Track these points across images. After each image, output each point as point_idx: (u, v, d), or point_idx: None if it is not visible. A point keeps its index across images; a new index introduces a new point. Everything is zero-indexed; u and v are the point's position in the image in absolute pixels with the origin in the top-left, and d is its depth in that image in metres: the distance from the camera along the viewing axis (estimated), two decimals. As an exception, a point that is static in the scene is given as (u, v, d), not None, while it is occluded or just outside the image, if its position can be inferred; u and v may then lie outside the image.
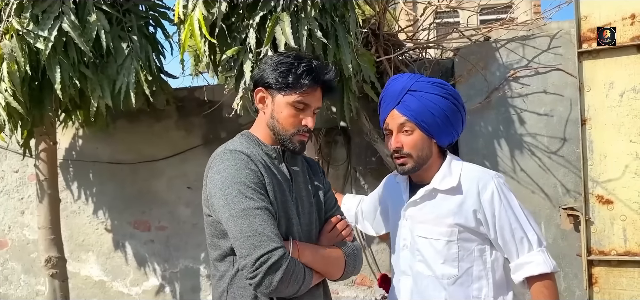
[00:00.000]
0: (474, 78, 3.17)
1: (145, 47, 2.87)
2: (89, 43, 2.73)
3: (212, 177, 1.62)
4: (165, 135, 3.78)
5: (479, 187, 1.84)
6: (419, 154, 1.87)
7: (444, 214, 1.87)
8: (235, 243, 1.54)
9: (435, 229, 1.88)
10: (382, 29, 3.16)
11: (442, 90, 1.87)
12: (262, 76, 1.69)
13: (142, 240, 3.88)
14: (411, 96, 1.85)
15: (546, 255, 1.81)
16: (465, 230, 1.85)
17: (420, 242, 1.91)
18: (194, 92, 3.75)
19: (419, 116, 1.84)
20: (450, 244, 1.86)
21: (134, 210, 3.87)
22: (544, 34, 3.07)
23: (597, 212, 2.96)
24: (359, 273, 3.59)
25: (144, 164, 3.81)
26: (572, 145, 3.02)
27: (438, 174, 1.90)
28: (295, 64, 1.65)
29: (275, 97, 1.68)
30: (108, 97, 2.87)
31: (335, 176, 3.58)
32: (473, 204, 1.84)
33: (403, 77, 1.92)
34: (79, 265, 3.98)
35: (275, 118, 1.69)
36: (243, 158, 1.61)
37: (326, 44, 2.41)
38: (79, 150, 3.92)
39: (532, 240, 1.82)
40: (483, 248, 1.87)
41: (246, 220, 1.51)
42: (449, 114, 1.85)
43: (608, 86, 2.91)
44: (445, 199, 1.88)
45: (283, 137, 1.70)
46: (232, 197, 1.54)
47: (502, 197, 1.83)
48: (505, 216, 1.82)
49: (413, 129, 1.85)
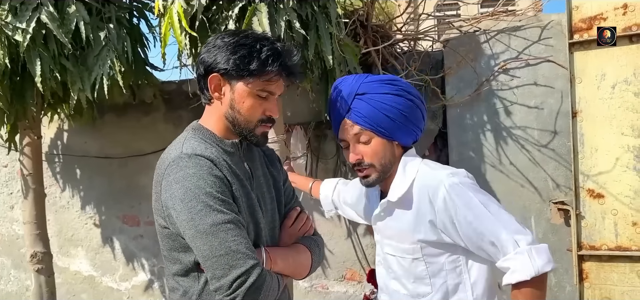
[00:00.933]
0: (464, 70, 3.11)
1: (123, 38, 2.81)
2: (68, 35, 2.68)
3: (168, 186, 1.39)
4: (153, 128, 3.74)
5: (429, 195, 1.62)
6: (382, 161, 1.68)
7: (404, 229, 1.68)
8: (206, 263, 1.36)
9: (400, 245, 1.71)
10: (371, 20, 3.10)
11: (393, 87, 1.66)
12: (216, 60, 1.45)
13: (131, 235, 3.85)
14: (360, 101, 1.65)
15: (526, 256, 1.51)
16: (429, 244, 1.65)
17: (390, 260, 1.76)
18: (182, 85, 3.70)
19: (374, 121, 1.64)
20: (416, 261, 1.68)
21: (123, 204, 3.84)
22: (534, 25, 3.00)
23: (588, 206, 2.90)
24: (349, 268, 3.58)
25: (132, 158, 3.78)
26: (563, 138, 2.96)
27: (393, 183, 1.71)
28: (257, 47, 1.43)
29: (235, 85, 1.46)
30: (88, 89, 2.81)
31: (324, 170, 3.53)
32: (428, 215, 1.62)
33: (348, 80, 1.70)
34: (69, 261, 3.97)
35: (235, 109, 1.47)
36: (205, 163, 1.39)
37: (306, 36, 2.35)
38: (67, 145, 3.89)
39: (504, 242, 1.53)
40: (455, 258, 1.66)
41: (217, 237, 1.33)
42: (406, 112, 1.66)
43: (599, 78, 2.85)
44: (402, 212, 1.69)
45: (245, 130, 1.50)
46: (198, 211, 1.35)
47: (457, 201, 1.57)
48: (466, 222, 1.57)
49: (370, 136, 1.66)
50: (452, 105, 3.12)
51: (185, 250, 1.45)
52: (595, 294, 2.93)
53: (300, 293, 3.60)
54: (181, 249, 1.46)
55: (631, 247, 2.83)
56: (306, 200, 3.31)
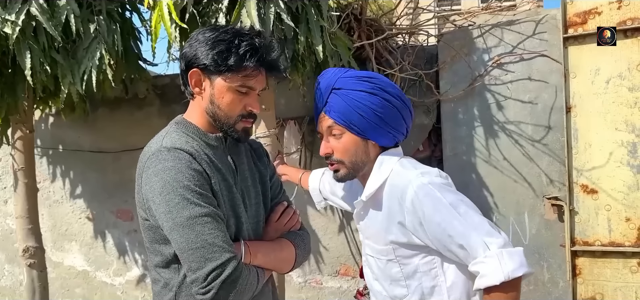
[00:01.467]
0: (458, 64, 3.08)
1: (113, 31, 2.79)
2: (58, 27, 2.65)
3: (148, 179, 1.41)
4: (147, 123, 3.71)
5: (398, 196, 1.57)
6: (352, 159, 1.65)
7: (378, 229, 1.65)
8: (183, 256, 1.37)
9: (376, 246, 1.68)
10: (365, 13, 3.07)
11: (368, 85, 1.61)
12: (196, 55, 1.46)
13: (124, 229, 3.84)
14: (336, 96, 1.62)
15: (495, 260, 1.43)
16: (400, 246, 1.61)
17: (369, 260, 1.74)
18: (176, 79, 3.68)
19: (347, 118, 1.61)
20: (391, 263, 1.64)
21: (117, 199, 3.82)
22: (529, 19, 2.97)
23: (582, 201, 2.89)
24: (343, 263, 3.56)
25: (126, 153, 3.74)
26: (557, 133, 2.94)
27: (368, 181, 1.67)
28: (235, 43, 1.43)
29: (214, 80, 1.47)
30: (78, 83, 2.79)
31: (319, 166, 3.48)
32: (398, 216, 1.58)
33: (328, 74, 1.68)
34: (63, 255, 3.96)
35: (215, 104, 1.48)
36: (184, 157, 1.40)
37: (296, 29, 2.33)
38: (61, 139, 3.88)
39: (473, 245, 1.46)
40: (429, 260, 1.60)
41: (193, 230, 1.34)
42: (379, 111, 1.60)
43: (594, 73, 2.83)
44: (375, 213, 1.66)
45: (225, 125, 1.50)
46: (175, 204, 1.35)
47: (425, 202, 1.51)
48: (434, 223, 1.51)
49: (342, 131, 1.63)
50: (446, 100, 3.10)
51: (165, 242, 1.45)
52: (588, 290, 2.92)
53: (294, 288, 3.59)
54: (161, 240, 1.46)
55: (624, 243, 2.82)
56: (301, 194, 3.31)
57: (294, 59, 2.53)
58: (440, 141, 3.17)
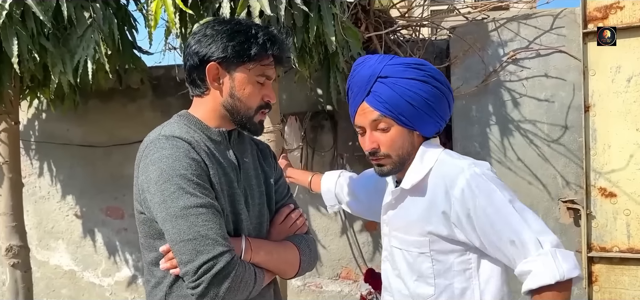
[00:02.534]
0: (470, 59, 2.96)
1: (109, 18, 2.62)
2: (48, 12, 2.51)
3: (144, 168, 1.37)
4: (139, 116, 3.56)
5: (446, 184, 1.48)
6: (400, 152, 1.55)
7: (413, 219, 1.55)
8: (174, 247, 1.32)
9: (407, 238, 1.57)
10: (373, 4, 2.92)
11: (419, 72, 1.52)
12: (212, 49, 1.42)
13: (114, 228, 3.68)
14: (382, 84, 1.52)
15: (550, 259, 1.35)
16: (439, 239, 1.51)
17: (396, 254, 1.62)
18: (171, 70, 3.51)
19: (395, 108, 1.51)
20: (422, 257, 1.54)
21: (107, 196, 3.66)
22: (546, 14, 2.86)
23: (599, 205, 2.78)
24: (345, 266, 3.42)
25: (117, 147, 3.60)
26: (574, 133, 2.83)
27: (408, 170, 1.58)
28: (252, 32, 1.42)
29: (235, 72, 1.44)
30: (70, 72, 2.64)
31: (320, 163, 3.37)
32: (442, 206, 1.49)
33: (371, 60, 1.57)
34: (48, 254, 3.79)
35: (236, 97, 1.45)
36: (183, 145, 1.36)
37: (307, 14, 2.17)
38: (48, 132, 3.70)
39: (526, 242, 1.38)
40: (466, 259, 1.51)
41: (186, 221, 1.30)
42: (431, 100, 1.52)
43: (614, 70, 2.72)
44: (413, 202, 1.56)
45: (245, 117, 1.47)
46: (170, 193, 1.31)
47: (477, 192, 1.43)
48: (485, 215, 1.42)
49: (390, 124, 1.53)
50: (457, 96, 2.95)
51: (160, 237, 1.41)
52: (605, 298, 2.80)
53: (292, 292, 3.44)
54: (156, 235, 1.42)
55: (645, 249, 2.70)
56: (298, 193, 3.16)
57: (302, 49, 2.38)
58: (450, 139, 3.04)
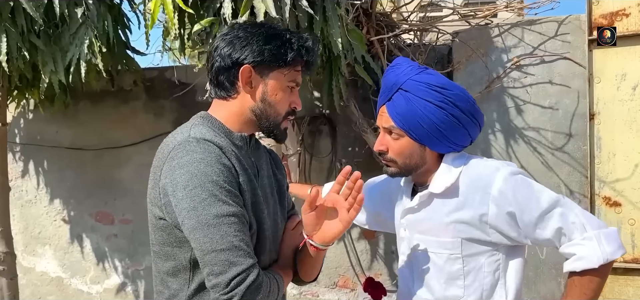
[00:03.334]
0: (473, 65, 2.90)
1: (103, 16, 2.53)
2: (40, 8, 2.43)
3: (171, 171, 1.32)
4: (132, 118, 3.49)
5: (482, 184, 1.51)
6: (405, 161, 1.58)
7: (443, 221, 1.56)
8: (205, 258, 1.28)
9: (435, 239, 1.58)
10: (375, 7, 2.86)
11: (437, 96, 1.52)
12: (245, 52, 1.38)
13: (104, 234, 3.60)
14: (401, 96, 1.54)
15: (594, 242, 1.42)
16: (471, 240, 1.54)
17: (420, 257, 1.62)
18: (165, 72, 3.43)
19: (407, 123, 1.54)
20: (453, 259, 1.55)
21: (96, 200, 3.58)
22: (551, 19, 2.81)
23: (604, 214, 2.73)
24: (342, 275, 3.35)
25: (108, 150, 3.52)
26: (579, 141, 2.78)
27: (436, 174, 1.59)
28: (287, 37, 1.41)
29: (268, 76, 1.41)
30: (61, 72, 2.56)
31: (318, 169, 3.30)
32: (478, 207, 1.51)
33: (400, 67, 1.59)
34: (35, 260, 3.70)
35: (267, 102, 1.42)
36: (214, 150, 1.32)
37: (312, 16, 2.10)
38: (36, 134, 3.61)
39: (571, 225, 1.44)
40: (495, 259, 1.55)
41: (219, 230, 1.26)
42: (442, 126, 1.53)
43: (620, 78, 2.68)
44: (443, 204, 1.57)
45: (273, 124, 1.44)
46: (202, 199, 1.27)
47: (517, 187, 1.48)
48: (528, 209, 1.47)
49: (401, 134, 1.56)
50: (459, 102, 2.90)
51: (180, 245, 1.36)
52: (609, 309, 2.75)
53: (288, 300, 3.36)
54: (176, 243, 1.37)
55: (650, 260, 2.66)
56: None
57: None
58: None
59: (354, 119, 2.84)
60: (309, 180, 3.26)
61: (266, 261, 1.48)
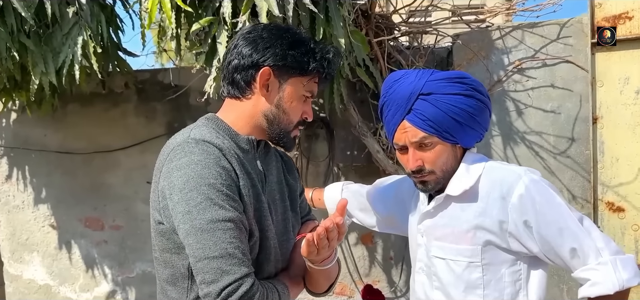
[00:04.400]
0: (474, 68, 2.86)
1: (97, 15, 2.45)
2: (30, 8, 2.34)
3: (169, 173, 1.28)
4: (123, 122, 3.40)
5: (502, 191, 1.47)
6: (444, 168, 1.54)
7: (463, 227, 1.52)
8: (197, 265, 1.23)
9: (453, 247, 1.54)
10: (374, 9, 2.80)
11: (462, 86, 1.51)
12: (268, 54, 1.34)
13: (93, 240, 3.50)
14: (425, 102, 1.49)
15: (610, 268, 1.39)
16: (491, 249, 1.50)
17: (437, 264, 1.58)
18: (157, 74, 3.35)
19: (440, 126, 1.49)
20: (472, 267, 1.51)
21: (86, 206, 3.48)
22: (553, 22, 2.78)
23: (607, 220, 2.70)
24: (339, 282, 3.28)
25: (98, 154, 3.42)
26: (581, 146, 2.75)
27: (453, 178, 1.55)
28: (311, 46, 1.38)
29: (286, 82, 1.38)
30: (52, 73, 2.48)
31: (315, 174, 3.24)
32: (498, 214, 1.48)
33: (409, 77, 1.54)
34: (22, 267, 3.59)
35: (281, 108, 1.38)
36: (214, 152, 1.28)
37: (315, 17, 2.04)
38: (24, 137, 3.50)
39: (586, 250, 1.40)
40: (516, 270, 1.51)
41: (213, 236, 1.21)
42: (475, 113, 1.51)
43: (623, 81, 2.65)
44: (462, 209, 1.53)
45: (283, 131, 1.41)
46: (197, 203, 1.22)
47: (538, 198, 1.44)
48: (546, 222, 1.43)
49: (434, 141, 1.51)
50: (460, 106, 2.86)
51: (178, 252, 1.32)
52: (612, 316, 2.71)
53: (284, 308, 3.29)
54: (174, 249, 1.33)
55: (654, 266, 2.63)
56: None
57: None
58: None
59: (353, 122, 2.78)
60: (306, 185, 3.19)
61: (271, 271, 1.42)
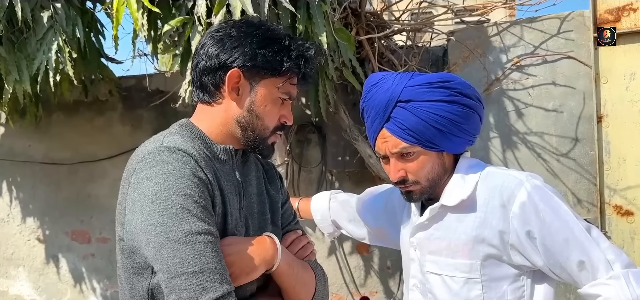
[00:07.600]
0: (471, 66, 2.76)
1: (73, 20, 2.35)
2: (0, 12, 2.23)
3: (138, 184, 1.16)
4: (108, 130, 3.36)
5: (503, 199, 1.36)
6: (429, 177, 1.43)
7: (460, 240, 1.42)
8: (172, 281, 1.10)
9: (450, 261, 1.44)
10: (364, 7, 2.68)
11: (445, 92, 1.39)
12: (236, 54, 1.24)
13: (80, 253, 3.46)
14: (404, 110, 1.39)
15: (622, 282, 1.27)
16: (492, 260, 1.39)
17: (432, 281, 1.47)
18: (142, 80, 3.26)
19: (421, 135, 1.38)
20: (471, 283, 1.40)
21: (72, 218, 3.44)
22: (552, 17, 2.66)
23: (615, 225, 2.58)
24: (335, 293, 3.17)
25: (83, 164, 3.39)
26: (585, 146, 2.63)
27: (448, 186, 1.45)
28: (286, 43, 1.26)
29: (257, 85, 1.27)
30: (27, 81, 2.40)
31: (307, 181, 3.13)
32: (498, 224, 1.37)
33: (387, 81, 1.44)
34: (8, 283, 3.57)
35: (254, 112, 1.27)
36: (189, 161, 1.17)
37: (294, 14, 1.91)
38: (7, 148, 3.49)
39: (596, 262, 1.30)
40: (519, 286, 1.39)
41: (192, 249, 1.10)
42: (460, 120, 1.39)
43: (628, 77, 2.53)
44: (459, 219, 1.43)
45: (259, 138, 1.30)
46: (172, 214, 1.11)
47: (541, 207, 1.33)
48: (550, 232, 1.32)
49: (415, 150, 1.41)
50: (456, 106, 2.73)
51: (137, 272, 1.21)
52: (621, 326, 2.58)
53: (278, 321, 3.17)
54: (133, 269, 1.21)
55: (666, 273, 2.49)
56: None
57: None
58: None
59: (344, 126, 2.66)
60: (298, 193, 3.09)
61: (247, 290, 1.30)
